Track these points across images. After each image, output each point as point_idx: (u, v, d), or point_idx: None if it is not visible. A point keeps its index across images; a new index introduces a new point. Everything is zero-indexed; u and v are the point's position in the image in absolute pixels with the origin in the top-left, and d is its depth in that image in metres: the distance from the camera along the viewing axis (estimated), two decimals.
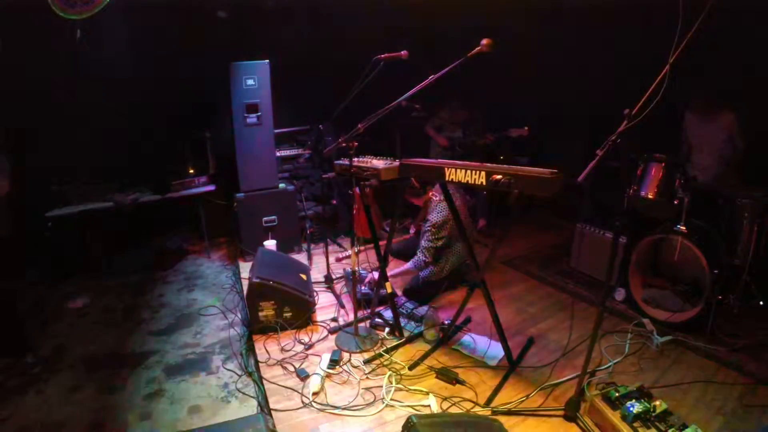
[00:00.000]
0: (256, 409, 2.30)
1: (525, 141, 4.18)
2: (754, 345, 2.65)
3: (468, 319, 3.02)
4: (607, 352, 2.64)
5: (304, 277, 3.17)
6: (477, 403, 2.22)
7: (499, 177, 2.01)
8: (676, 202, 2.74)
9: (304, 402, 2.26)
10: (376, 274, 3.05)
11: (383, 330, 2.89)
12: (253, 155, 4.01)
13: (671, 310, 2.90)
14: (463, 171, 2.18)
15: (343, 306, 3.23)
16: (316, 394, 2.30)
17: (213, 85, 4.11)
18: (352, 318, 2.85)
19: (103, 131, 4.04)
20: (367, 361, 2.57)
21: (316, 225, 4.49)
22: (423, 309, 3.01)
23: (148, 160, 4.20)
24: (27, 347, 2.83)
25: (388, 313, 2.97)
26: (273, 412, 2.20)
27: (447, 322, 2.81)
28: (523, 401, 2.23)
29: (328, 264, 3.59)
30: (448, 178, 2.27)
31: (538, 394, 2.29)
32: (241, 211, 4.02)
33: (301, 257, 4.05)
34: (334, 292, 3.44)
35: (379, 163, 2.67)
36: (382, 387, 2.33)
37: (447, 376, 2.40)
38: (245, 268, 3.77)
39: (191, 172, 4.35)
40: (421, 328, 2.84)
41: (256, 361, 2.64)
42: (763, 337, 2.70)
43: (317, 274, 3.73)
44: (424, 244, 3.20)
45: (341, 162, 2.81)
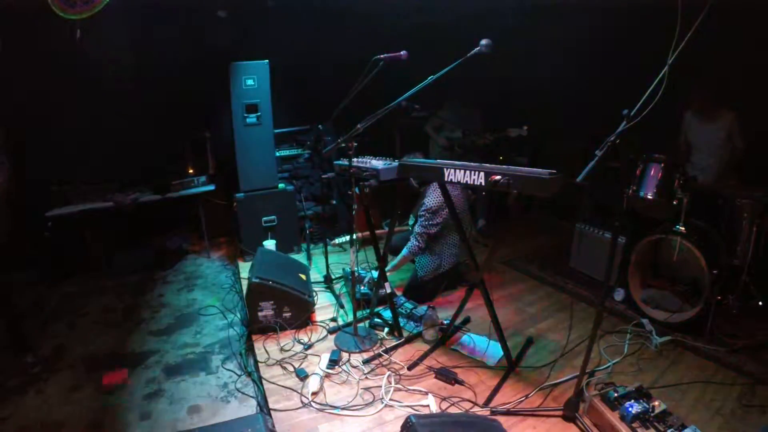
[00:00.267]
0: (256, 409, 2.30)
1: (524, 141, 4.18)
2: (753, 345, 2.65)
3: (467, 319, 3.02)
4: (606, 352, 2.64)
5: (303, 277, 3.17)
6: (476, 403, 2.22)
7: (498, 177, 2.02)
8: (675, 203, 2.73)
9: (303, 402, 2.26)
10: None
11: (382, 330, 2.89)
12: (253, 155, 4.01)
13: (670, 310, 2.90)
14: (462, 171, 2.19)
15: (342, 306, 3.23)
16: (315, 394, 2.31)
17: (213, 85, 4.12)
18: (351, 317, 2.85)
19: (103, 131, 4.04)
20: (366, 361, 2.57)
21: (315, 225, 4.49)
22: (422, 309, 3.01)
23: (148, 160, 4.20)
24: (27, 347, 2.83)
25: (387, 313, 2.97)
26: (272, 412, 2.21)
27: (446, 322, 2.81)
28: (522, 401, 2.24)
29: (328, 264, 3.59)
30: (446, 179, 2.28)
31: (537, 395, 2.29)
32: (241, 211, 4.02)
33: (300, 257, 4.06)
34: (333, 292, 3.44)
35: (378, 163, 2.68)
36: (381, 387, 2.34)
37: (446, 376, 2.40)
38: (245, 268, 3.78)
39: (191, 172, 4.35)
40: (420, 328, 2.84)
41: (256, 361, 2.64)
42: (762, 338, 2.70)
43: (316, 275, 3.74)
44: (418, 229, 3.21)
45: (341, 162, 2.81)
